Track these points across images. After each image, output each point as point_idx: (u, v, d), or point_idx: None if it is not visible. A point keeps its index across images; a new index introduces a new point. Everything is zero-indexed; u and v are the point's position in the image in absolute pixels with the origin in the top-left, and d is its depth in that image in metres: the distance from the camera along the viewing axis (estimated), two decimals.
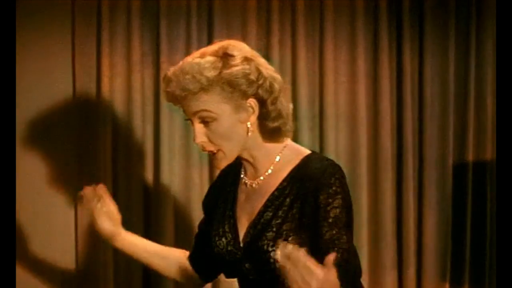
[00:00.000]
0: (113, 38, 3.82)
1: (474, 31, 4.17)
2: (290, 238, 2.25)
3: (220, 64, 2.22)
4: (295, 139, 3.80)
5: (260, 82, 2.26)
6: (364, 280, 4.03)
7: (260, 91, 2.27)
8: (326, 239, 2.24)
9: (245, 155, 2.35)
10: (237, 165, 2.47)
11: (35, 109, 3.75)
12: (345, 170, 4.04)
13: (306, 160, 2.34)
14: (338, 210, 2.25)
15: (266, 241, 2.27)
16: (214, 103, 2.22)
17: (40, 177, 3.77)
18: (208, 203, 2.58)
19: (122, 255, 3.83)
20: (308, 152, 2.38)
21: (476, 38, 4.18)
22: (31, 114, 3.74)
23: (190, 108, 2.25)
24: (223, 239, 2.37)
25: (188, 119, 2.30)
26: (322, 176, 2.26)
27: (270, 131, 2.33)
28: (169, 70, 2.27)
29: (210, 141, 2.27)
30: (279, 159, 2.36)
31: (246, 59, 2.25)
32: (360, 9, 4.06)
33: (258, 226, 2.31)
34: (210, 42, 3.66)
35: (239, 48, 2.28)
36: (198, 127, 2.27)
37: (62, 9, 3.79)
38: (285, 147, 2.37)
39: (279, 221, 2.28)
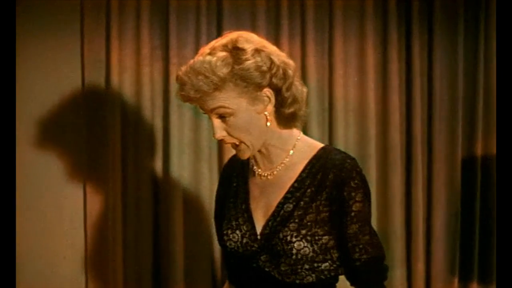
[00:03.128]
0: (122, 33, 3.82)
1: (483, 26, 4.17)
2: (313, 230, 2.28)
3: (231, 60, 2.20)
4: (304, 133, 3.83)
5: (273, 71, 2.26)
6: None
7: (274, 80, 2.26)
8: (349, 233, 2.30)
9: (261, 147, 2.36)
10: (236, 162, 2.48)
11: (45, 103, 3.76)
12: None
13: (322, 152, 2.36)
14: (360, 204, 2.29)
15: (289, 232, 2.28)
16: (230, 99, 2.21)
17: (50, 172, 3.78)
18: (218, 205, 2.60)
19: (132, 246, 3.87)
20: (321, 144, 2.41)
21: (485, 33, 4.17)
22: (41, 108, 3.75)
23: (206, 106, 2.24)
24: (237, 232, 2.37)
25: (206, 113, 2.31)
26: (344, 168, 2.29)
27: (286, 117, 2.33)
28: (180, 71, 2.25)
29: (230, 134, 2.28)
30: (293, 151, 2.37)
31: (257, 51, 2.24)
32: (370, 4, 4.05)
33: (278, 218, 2.31)
34: (219, 36, 3.67)
35: (249, 40, 2.27)
36: (217, 122, 2.26)
37: (71, 4, 3.79)
38: (298, 139, 2.39)
39: (301, 212, 2.29)
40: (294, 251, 2.27)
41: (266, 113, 2.28)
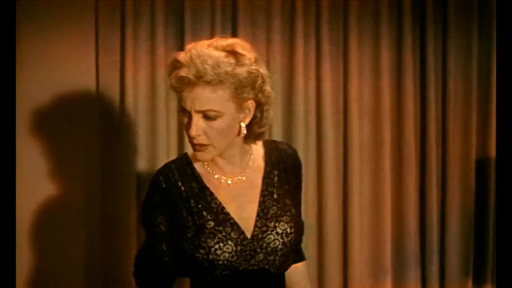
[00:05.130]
0: (137, 33, 3.82)
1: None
2: (298, 217, 2.50)
3: (233, 61, 2.26)
4: (319, 135, 3.87)
5: (262, 86, 2.34)
6: (387, 277, 4.06)
7: (260, 95, 2.36)
8: (299, 209, 2.53)
9: (225, 154, 2.41)
10: (178, 172, 2.47)
11: (58, 104, 3.75)
12: (368, 166, 4.10)
13: (269, 145, 2.55)
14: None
15: (286, 225, 2.38)
16: (223, 101, 2.26)
17: (60, 174, 3.77)
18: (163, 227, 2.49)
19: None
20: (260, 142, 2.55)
21: None
22: (55, 109, 3.75)
23: (194, 102, 2.26)
24: (230, 242, 2.35)
25: (184, 110, 2.31)
26: (295, 155, 2.57)
27: (255, 135, 2.44)
28: (177, 55, 2.31)
29: (206, 135, 2.30)
30: (252, 152, 2.49)
31: (256, 61, 2.33)
32: (384, 5, 4.05)
33: (264, 216, 2.37)
34: (234, 37, 3.68)
35: (247, 49, 2.33)
36: (197, 120, 2.28)
37: (86, 4, 3.80)
38: None
39: (287, 201, 2.46)
40: (293, 240, 2.40)
41: (242, 124, 2.34)
